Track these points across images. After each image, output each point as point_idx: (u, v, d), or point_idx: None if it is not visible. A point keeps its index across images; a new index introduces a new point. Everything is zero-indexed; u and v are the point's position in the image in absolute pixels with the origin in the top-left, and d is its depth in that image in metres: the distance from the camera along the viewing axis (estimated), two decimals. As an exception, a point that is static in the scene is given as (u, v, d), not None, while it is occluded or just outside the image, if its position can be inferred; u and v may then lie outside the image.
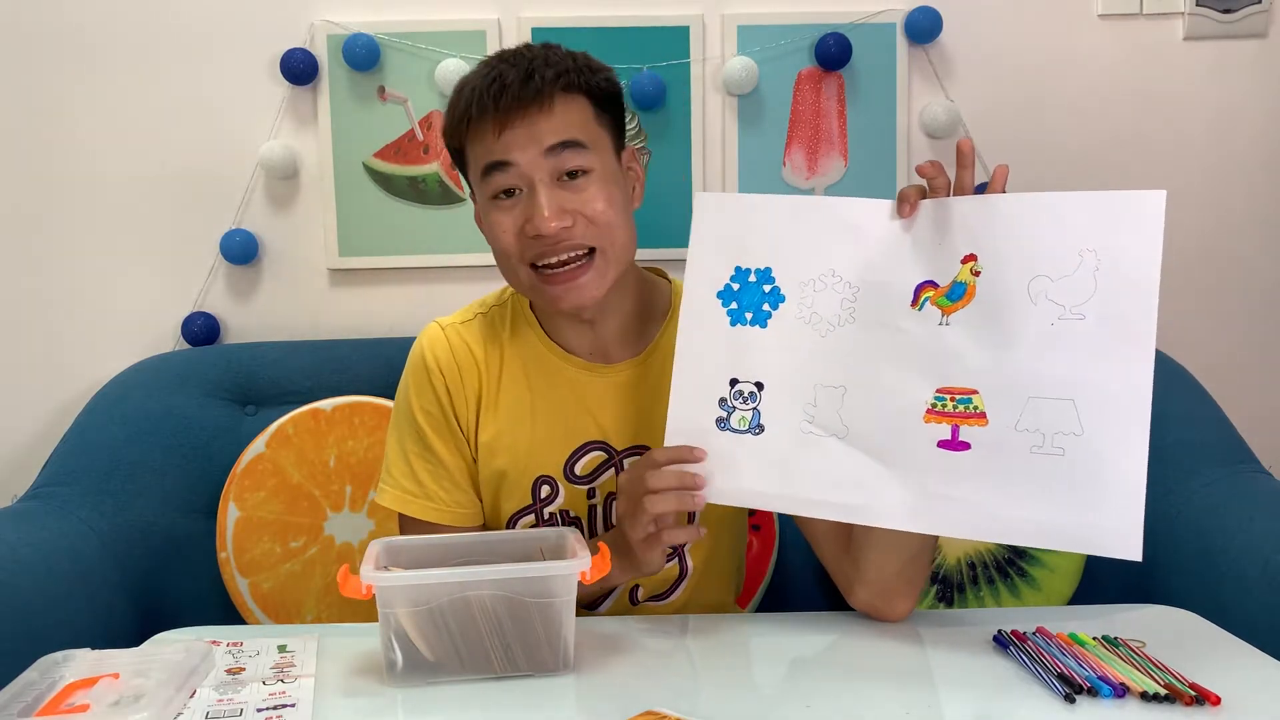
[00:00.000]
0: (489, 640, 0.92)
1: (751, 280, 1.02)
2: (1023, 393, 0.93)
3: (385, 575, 0.91)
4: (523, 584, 0.92)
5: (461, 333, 1.17)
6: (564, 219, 1.04)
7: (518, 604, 0.92)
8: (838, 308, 0.99)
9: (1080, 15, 1.81)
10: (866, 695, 0.91)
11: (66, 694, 0.86)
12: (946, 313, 0.96)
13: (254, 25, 1.76)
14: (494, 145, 1.05)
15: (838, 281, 1.00)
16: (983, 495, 0.93)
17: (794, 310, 1.00)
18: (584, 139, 1.06)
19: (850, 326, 0.99)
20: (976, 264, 0.95)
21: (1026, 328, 0.93)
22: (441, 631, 0.92)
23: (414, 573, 0.92)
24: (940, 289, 0.97)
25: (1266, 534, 1.32)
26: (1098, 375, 0.91)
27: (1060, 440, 0.91)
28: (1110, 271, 0.92)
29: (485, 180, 1.07)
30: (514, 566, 0.93)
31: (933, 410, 0.95)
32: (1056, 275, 0.93)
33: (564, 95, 1.05)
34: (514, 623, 0.92)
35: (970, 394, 0.94)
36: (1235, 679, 0.90)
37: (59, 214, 1.78)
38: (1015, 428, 0.92)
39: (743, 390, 1.01)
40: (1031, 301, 0.93)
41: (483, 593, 0.91)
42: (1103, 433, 0.90)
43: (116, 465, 1.56)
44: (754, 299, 1.01)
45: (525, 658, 0.93)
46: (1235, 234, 1.85)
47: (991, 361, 0.94)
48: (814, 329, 1.00)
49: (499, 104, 1.03)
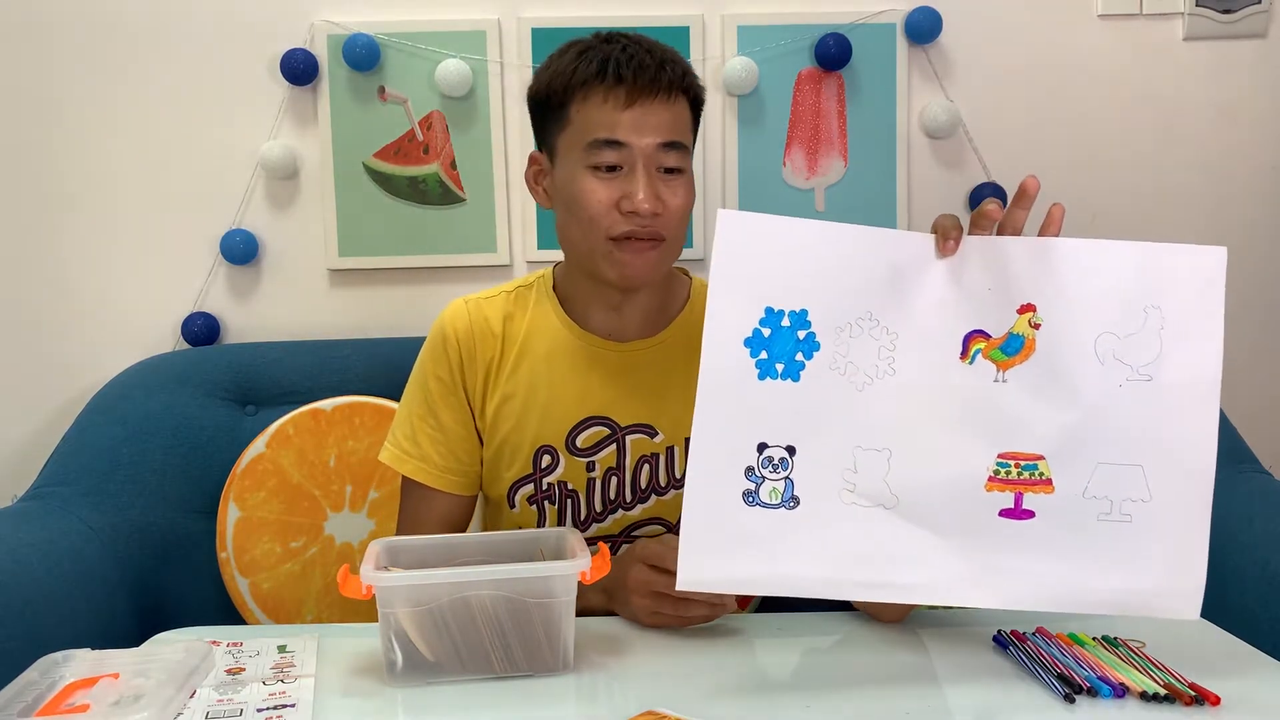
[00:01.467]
0: (489, 640, 0.92)
1: (785, 325, 0.88)
2: (1091, 458, 0.88)
3: (385, 575, 0.91)
4: (523, 584, 0.92)
5: (483, 306, 1.22)
6: (658, 205, 1.10)
7: (518, 604, 0.92)
8: (875, 357, 0.89)
9: (1080, 15, 1.81)
10: (866, 695, 0.91)
11: (66, 694, 0.86)
12: (1002, 368, 0.88)
13: (254, 25, 1.76)
14: (617, 120, 1.09)
15: (874, 326, 0.89)
16: (1047, 565, 0.88)
17: (828, 360, 0.89)
18: (686, 142, 1.13)
19: (890, 379, 0.89)
20: (1035, 315, 0.88)
21: (1094, 389, 0.88)
22: (441, 631, 0.92)
23: (414, 573, 0.92)
24: (994, 341, 0.89)
25: (1266, 534, 1.32)
26: (1165, 440, 0.88)
27: (1128, 507, 0.87)
28: (1175, 332, 0.87)
29: (592, 150, 1.10)
30: (514, 566, 0.93)
31: (995, 478, 0.88)
32: (1123, 334, 0.87)
33: (680, 95, 1.12)
34: (514, 623, 0.92)
35: (1036, 460, 0.88)
36: (1235, 679, 0.90)
37: (59, 214, 1.78)
38: (1083, 495, 0.88)
39: (773, 456, 0.88)
40: (1100, 361, 0.87)
41: (483, 593, 0.91)
42: (1170, 498, 0.87)
43: (116, 465, 1.56)
44: (787, 348, 0.88)
45: (525, 658, 0.93)
46: (1235, 234, 1.85)
47: (1057, 425, 0.88)
48: (849, 381, 0.89)
49: (637, 81, 1.08)
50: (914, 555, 0.88)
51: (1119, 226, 1.82)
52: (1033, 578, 0.88)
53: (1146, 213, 1.83)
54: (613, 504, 1.19)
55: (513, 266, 1.81)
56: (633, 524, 1.20)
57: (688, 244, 1.83)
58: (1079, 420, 0.88)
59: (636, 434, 1.18)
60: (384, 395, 1.63)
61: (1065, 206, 0.91)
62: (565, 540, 1.01)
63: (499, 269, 1.81)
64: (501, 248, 1.80)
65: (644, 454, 1.18)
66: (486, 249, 1.81)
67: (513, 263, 1.81)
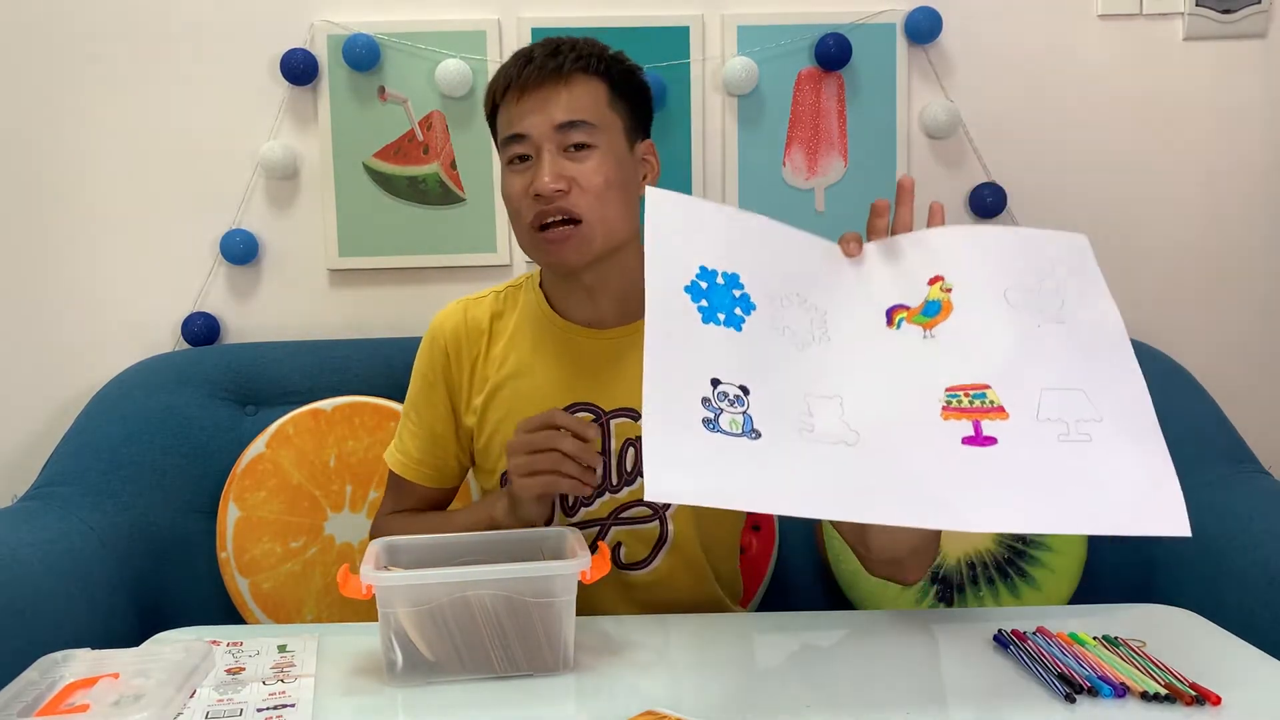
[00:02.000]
0: (489, 640, 0.92)
1: (719, 282, 0.93)
2: (1033, 384, 0.92)
3: (385, 575, 0.91)
4: (523, 584, 0.92)
5: (473, 307, 1.28)
6: (560, 183, 1.13)
7: (518, 604, 0.92)
8: (809, 325, 0.95)
9: (1080, 15, 1.81)
10: (866, 695, 0.91)
11: (66, 694, 0.86)
12: (927, 327, 0.95)
13: (254, 25, 1.76)
14: (513, 114, 1.16)
15: (803, 303, 0.96)
16: (1021, 488, 0.88)
17: (767, 319, 0.93)
18: (593, 120, 1.15)
19: (825, 344, 0.94)
20: (945, 282, 0.96)
21: (1014, 329, 0.94)
22: (442, 631, 0.92)
23: (414, 573, 0.92)
24: (913, 310, 0.96)
25: (1266, 534, 1.32)
26: (1095, 371, 0.92)
27: (1084, 427, 0.90)
28: (1071, 291, 0.95)
29: (505, 148, 1.18)
30: (514, 566, 0.93)
31: (949, 407, 0.91)
32: (1025, 289, 0.95)
33: (582, 76, 1.16)
34: (514, 622, 0.92)
35: (983, 389, 0.92)
36: (1235, 679, 0.90)
37: (59, 214, 1.78)
38: (1037, 418, 0.90)
39: (727, 391, 0.88)
40: (1012, 307, 0.94)
41: (483, 593, 0.91)
42: (1120, 418, 0.90)
43: (116, 465, 1.56)
44: (724, 301, 0.92)
45: (526, 657, 0.93)
46: (1235, 234, 1.85)
47: (991, 360, 0.93)
48: (790, 341, 0.93)
49: (523, 74, 1.15)
50: (887, 485, 0.87)
51: (1119, 226, 1.82)
52: (1010, 501, 0.88)
53: (1146, 213, 1.83)
54: (599, 487, 1.20)
55: (512, 266, 1.81)
56: (620, 506, 1.21)
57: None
58: (1010, 352, 0.93)
59: (621, 418, 1.20)
60: (384, 395, 1.63)
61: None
62: (565, 540, 1.01)
63: (499, 269, 1.81)
64: (501, 248, 1.80)
65: (629, 437, 1.20)
66: (486, 249, 1.80)
67: (512, 263, 1.81)
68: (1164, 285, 1.84)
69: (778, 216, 0.99)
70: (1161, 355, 1.69)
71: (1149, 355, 1.68)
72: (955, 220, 1.81)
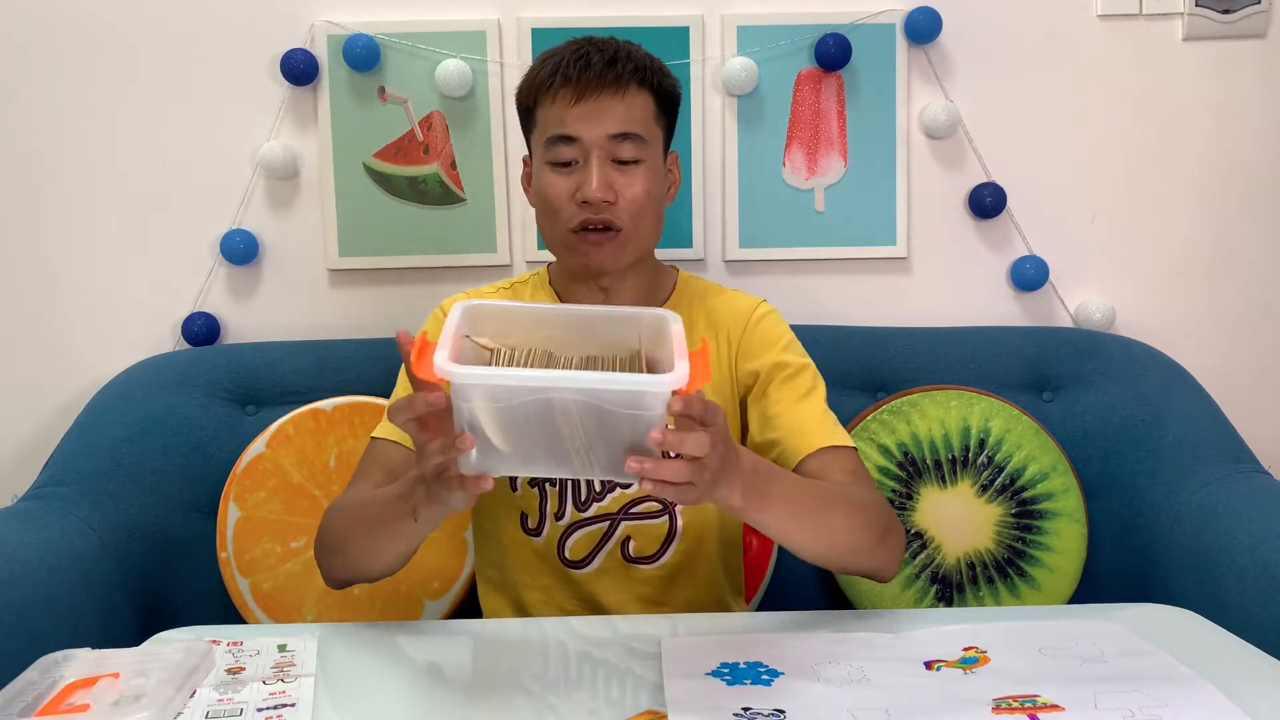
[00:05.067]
0: (569, 442, 0.85)
1: (742, 668, 0.96)
2: (1089, 689, 0.89)
3: (463, 371, 0.82)
4: (612, 396, 0.82)
5: (479, 297, 1.29)
6: (609, 194, 1.15)
7: (606, 412, 0.83)
8: (846, 674, 0.95)
9: (1080, 15, 1.81)
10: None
11: (66, 694, 0.86)
12: (968, 670, 0.95)
13: (254, 25, 1.76)
14: (566, 116, 1.16)
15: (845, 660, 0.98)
16: None
17: (799, 681, 0.93)
18: (643, 133, 1.17)
19: (863, 683, 0.93)
20: (978, 649, 0.98)
21: (1058, 661, 0.95)
22: (521, 428, 0.84)
23: (496, 370, 0.86)
24: (950, 661, 0.97)
25: (1266, 534, 1.32)
26: (1155, 680, 0.91)
27: (1151, 712, 0.85)
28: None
29: (549, 147, 1.18)
30: (606, 376, 0.84)
31: (1000, 709, 0.87)
32: (1058, 648, 0.98)
33: (637, 88, 1.17)
34: (599, 430, 0.84)
35: (1033, 696, 0.89)
36: (1235, 679, 0.90)
37: (59, 214, 1.78)
38: (1096, 708, 0.86)
39: (761, 711, 0.87)
40: (1050, 658, 0.96)
41: (568, 398, 0.82)
42: (1192, 709, 0.86)
43: (116, 465, 1.56)
44: (751, 674, 0.95)
45: (609, 464, 0.86)
46: (1235, 234, 1.85)
47: (1037, 677, 0.92)
48: (826, 683, 0.93)
49: (581, 78, 1.15)
50: None
51: (1118, 226, 1.82)
52: None
53: (1146, 212, 1.83)
54: (611, 483, 1.20)
55: (513, 266, 1.81)
56: (631, 501, 1.22)
57: (686, 243, 1.83)
58: (1058, 672, 0.93)
59: None
60: (384, 395, 1.63)
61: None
62: (665, 324, 0.92)
63: (499, 269, 1.81)
64: (501, 248, 1.80)
65: None
66: (486, 249, 1.80)
67: (513, 262, 1.81)
68: (1164, 285, 1.85)
69: (778, 216, 0.97)
70: (1161, 355, 1.69)
71: (1149, 355, 1.69)
72: (955, 219, 1.83)
